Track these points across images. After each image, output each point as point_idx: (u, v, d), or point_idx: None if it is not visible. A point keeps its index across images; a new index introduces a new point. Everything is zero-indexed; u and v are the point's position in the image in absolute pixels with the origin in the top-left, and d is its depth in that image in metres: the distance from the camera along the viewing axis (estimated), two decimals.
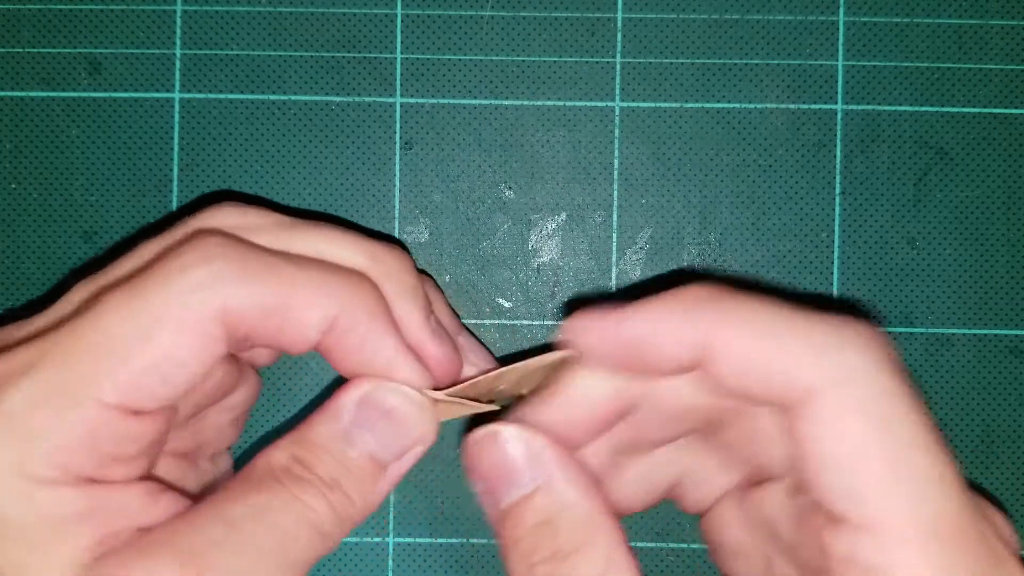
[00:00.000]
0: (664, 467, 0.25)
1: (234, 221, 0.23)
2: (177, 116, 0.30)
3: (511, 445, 0.22)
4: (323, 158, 0.31)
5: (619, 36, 0.31)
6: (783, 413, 0.20)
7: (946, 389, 0.31)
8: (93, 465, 0.20)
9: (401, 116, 0.31)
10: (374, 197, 0.31)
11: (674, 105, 0.31)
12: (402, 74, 0.31)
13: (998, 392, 0.30)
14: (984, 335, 0.30)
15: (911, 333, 0.31)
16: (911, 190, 0.31)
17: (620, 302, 0.22)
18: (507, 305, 0.31)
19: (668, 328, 0.21)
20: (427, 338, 0.24)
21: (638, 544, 0.31)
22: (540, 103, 0.31)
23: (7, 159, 0.30)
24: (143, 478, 0.21)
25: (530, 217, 0.31)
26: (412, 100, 0.31)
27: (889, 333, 0.30)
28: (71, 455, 0.20)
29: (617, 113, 0.31)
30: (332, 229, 0.24)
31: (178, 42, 0.30)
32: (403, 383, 0.23)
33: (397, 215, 0.31)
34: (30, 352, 0.20)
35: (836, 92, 0.30)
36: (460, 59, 0.31)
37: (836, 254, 0.31)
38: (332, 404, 0.22)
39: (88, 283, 0.22)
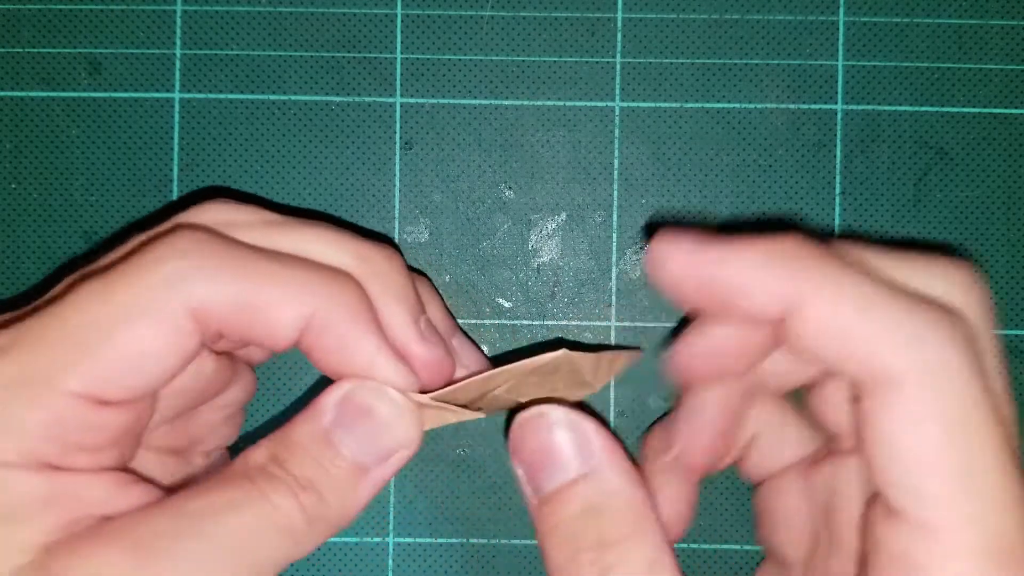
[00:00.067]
0: (746, 425, 0.25)
1: (223, 217, 0.23)
2: (177, 116, 0.30)
3: (559, 429, 0.22)
4: (323, 158, 0.31)
5: (619, 36, 0.31)
6: (857, 389, 0.19)
7: None
8: (56, 452, 0.20)
9: (401, 116, 0.31)
10: (374, 197, 0.31)
11: (674, 105, 0.31)
12: (402, 74, 0.31)
13: None
14: None
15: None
16: (911, 190, 0.31)
17: (704, 232, 0.21)
18: (507, 305, 0.31)
19: (761, 276, 0.20)
20: (414, 339, 0.23)
21: None
22: (540, 103, 0.31)
23: (7, 159, 0.30)
24: (117, 469, 0.21)
25: (530, 217, 0.31)
26: (412, 100, 0.31)
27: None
28: (33, 441, 0.20)
29: (617, 113, 0.31)
30: (320, 227, 0.23)
31: (178, 42, 0.30)
32: (385, 385, 0.22)
33: (397, 215, 0.31)
34: (2, 339, 0.20)
35: (836, 92, 0.30)
36: (460, 59, 0.31)
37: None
38: (315, 404, 0.22)
39: (75, 275, 0.22)
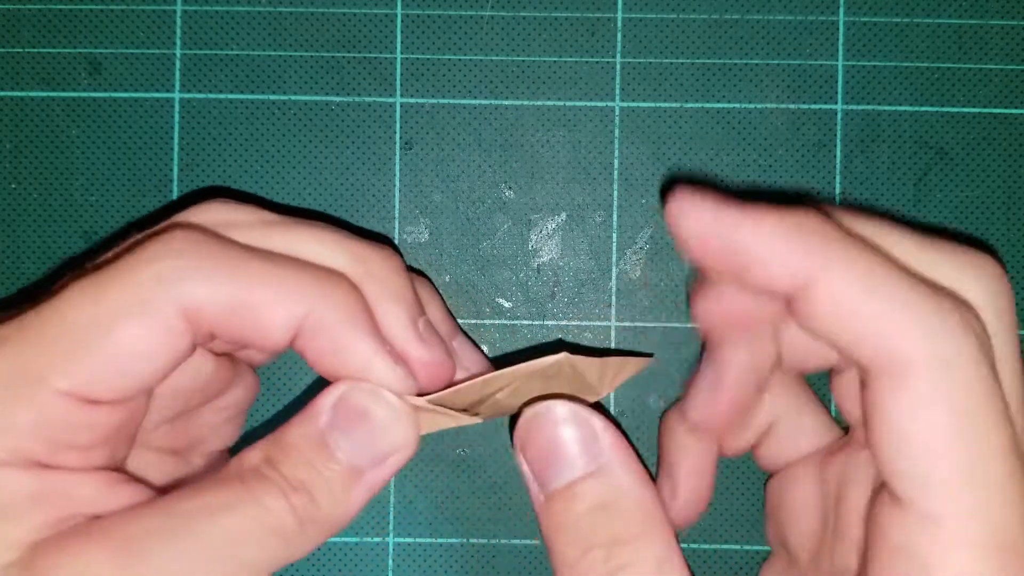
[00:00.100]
0: (764, 409, 0.25)
1: (220, 217, 0.23)
2: (177, 116, 0.30)
3: (567, 425, 0.21)
4: (323, 158, 0.31)
5: (619, 36, 0.31)
6: (864, 373, 0.19)
7: None
8: (45, 450, 0.20)
9: (401, 116, 0.31)
10: (374, 197, 0.31)
11: (674, 105, 0.31)
12: (402, 74, 0.31)
13: None
14: None
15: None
16: (911, 190, 0.31)
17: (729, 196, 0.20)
18: (507, 305, 0.31)
19: (777, 246, 0.19)
20: (412, 341, 0.23)
21: None
22: (540, 103, 0.31)
23: (7, 159, 0.30)
24: (108, 468, 0.21)
25: (530, 217, 0.31)
26: (412, 100, 0.31)
27: None
28: (22, 439, 0.19)
29: (617, 113, 0.31)
30: (317, 228, 0.23)
31: (178, 42, 0.30)
32: (381, 387, 0.22)
33: (397, 215, 0.31)
34: None
35: (836, 92, 0.30)
36: (460, 59, 0.31)
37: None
38: (310, 405, 0.21)
39: (74, 274, 0.22)
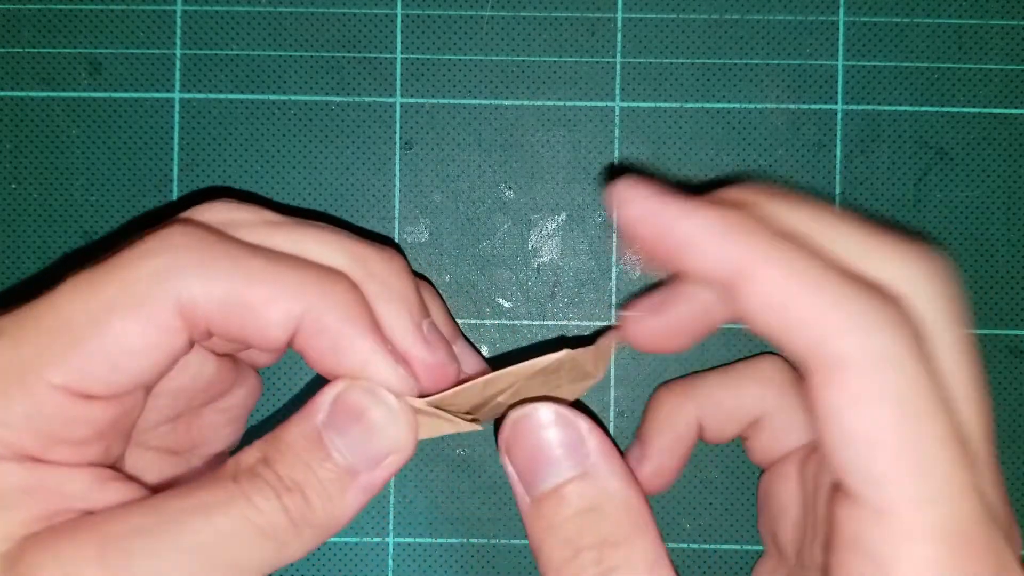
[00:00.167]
0: (751, 401, 0.25)
1: (223, 216, 0.22)
2: (177, 116, 0.30)
3: (552, 428, 0.21)
4: (323, 158, 0.31)
5: (619, 36, 0.31)
6: (802, 367, 0.19)
7: None
8: (38, 444, 0.20)
9: (401, 116, 0.31)
10: (374, 197, 0.31)
11: (674, 105, 0.31)
12: (402, 74, 0.31)
13: (998, 392, 0.30)
14: (984, 335, 0.30)
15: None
16: (911, 190, 0.31)
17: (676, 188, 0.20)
18: (507, 305, 0.31)
19: (714, 239, 0.19)
20: (416, 342, 0.22)
21: None
22: (540, 103, 0.31)
23: (7, 159, 0.30)
24: (101, 465, 0.21)
25: (530, 217, 0.31)
26: (412, 100, 0.31)
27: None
28: (13, 431, 0.19)
29: (617, 113, 0.31)
30: (320, 229, 0.23)
31: (178, 42, 0.30)
32: (380, 385, 0.21)
33: (397, 215, 0.31)
34: None
35: (836, 92, 0.30)
36: (460, 59, 0.31)
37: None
38: (309, 403, 0.21)
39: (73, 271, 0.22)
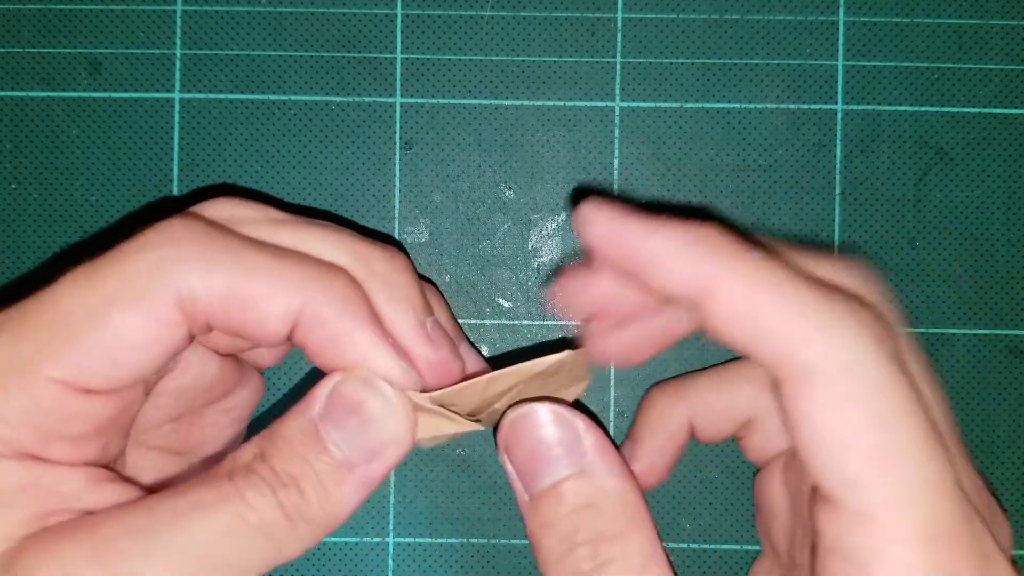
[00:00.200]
0: (743, 401, 0.25)
1: (228, 213, 0.22)
2: (177, 116, 0.30)
3: (550, 427, 0.22)
4: (323, 158, 0.31)
5: (619, 36, 0.31)
6: (774, 376, 0.20)
7: (946, 389, 0.31)
8: (35, 440, 0.20)
9: (401, 116, 0.31)
10: (374, 197, 0.31)
11: (674, 105, 0.31)
12: (402, 74, 0.31)
13: (998, 392, 0.30)
14: (984, 335, 0.30)
15: (911, 333, 0.31)
16: (911, 190, 0.31)
17: (632, 205, 0.21)
18: (507, 305, 0.31)
19: (679, 256, 0.20)
20: (420, 340, 0.22)
21: None
22: (540, 103, 0.31)
23: (7, 159, 0.30)
24: (98, 464, 0.21)
25: (530, 217, 0.31)
26: (412, 100, 0.31)
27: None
28: (11, 427, 0.19)
29: (617, 113, 0.31)
30: (324, 227, 0.23)
31: (178, 42, 0.30)
32: (382, 379, 0.21)
33: (397, 215, 0.31)
34: None
35: (836, 92, 0.30)
36: (460, 59, 0.31)
37: (836, 254, 0.31)
38: (306, 396, 0.21)
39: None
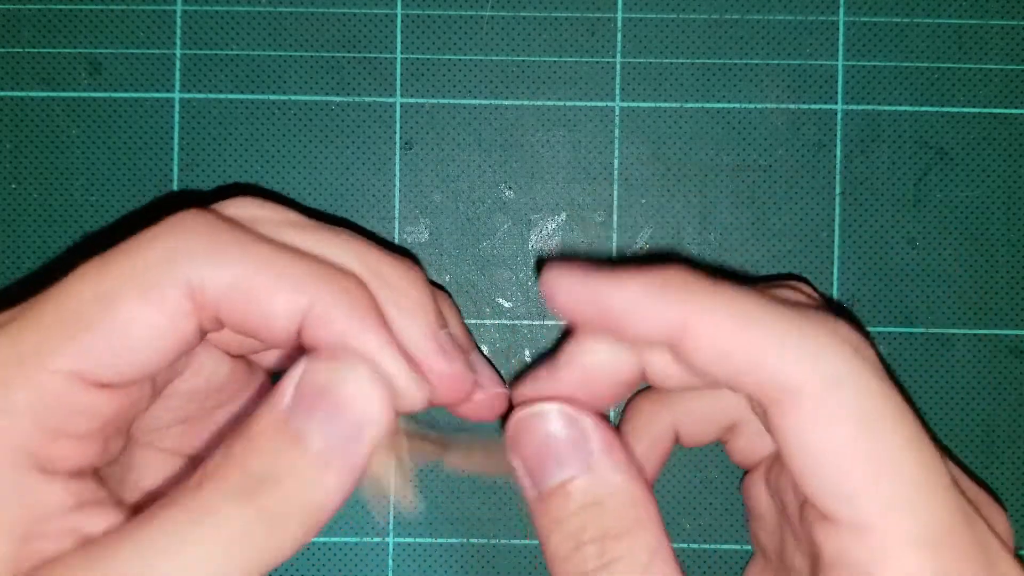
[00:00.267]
0: (727, 407, 0.25)
1: (247, 212, 0.22)
2: (177, 116, 0.30)
3: (558, 426, 0.22)
4: (323, 158, 0.31)
5: (619, 36, 0.31)
6: (757, 403, 0.20)
7: (946, 389, 0.31)
8: (38, 436, 0.19)
9: (401, 116, 0.31)
10: (374, 197, 0.31)
11: (674, 105, 0.31)
12: (402, 74, 0.31)
13: (998, 392, 0.30)
14: (984, 335, 0.30)
15: (911, 333, 0.31)
16: (911, 190, 0.31)
17: (600, 264, 0.21)
18: (507, 305, 0.31)
19: (648, 302, 0.20)
20: (432, 352, 0.22)
21: None
22: (540, 103, 0.31)
23: (7, 159, 0.30)
24: (95, 466, 0.21)
25: (530, 217, 0.31)
26: (412, 100, 0.31)
27: (889, 333, 0.30)
28: (14, 419, 0.19)
29: (617, 113, 0.31)
30: (339, 233, 0.22)
31: (178, 42, 0.30)
32: (386, 379, 0.20)
33: (397, 215, 0.31)
34: (1, 318, 0.20)
35: (836, 92, 0.30)
36: (460, 59, 0.31)
37: (836, 254, 0.31)
38: (273, 390, 0.20)
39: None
